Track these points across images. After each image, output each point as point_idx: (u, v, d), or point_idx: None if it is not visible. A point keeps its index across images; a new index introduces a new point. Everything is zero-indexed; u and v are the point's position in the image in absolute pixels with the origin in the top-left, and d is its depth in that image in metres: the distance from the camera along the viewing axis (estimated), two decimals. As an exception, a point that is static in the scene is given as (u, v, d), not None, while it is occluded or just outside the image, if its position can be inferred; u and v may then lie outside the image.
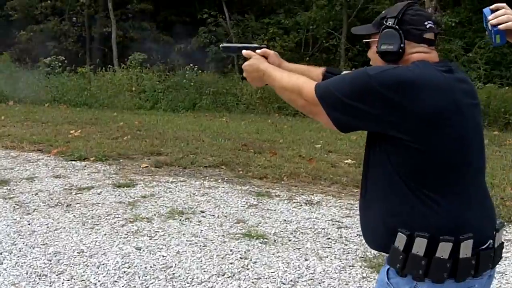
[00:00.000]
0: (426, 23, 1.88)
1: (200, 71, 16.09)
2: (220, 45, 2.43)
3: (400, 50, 1.85)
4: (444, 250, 1.70)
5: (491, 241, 1.82)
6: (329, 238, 4.72)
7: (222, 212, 5.40)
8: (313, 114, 1.89)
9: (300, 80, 1.94)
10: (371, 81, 1.72)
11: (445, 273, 1.71)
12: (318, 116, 1.86)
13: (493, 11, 1.89)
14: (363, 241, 2.04)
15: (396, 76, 1.73)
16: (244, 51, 2.25)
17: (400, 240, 1.75)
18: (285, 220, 5.19)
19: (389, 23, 1.87)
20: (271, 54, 2.27)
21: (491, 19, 1.86)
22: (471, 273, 1.75)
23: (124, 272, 3.95)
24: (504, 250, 3.85)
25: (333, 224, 5.10)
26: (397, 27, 1.85)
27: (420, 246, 1.71)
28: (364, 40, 2.01)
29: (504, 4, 1.88)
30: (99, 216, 5.20)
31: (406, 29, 1.86)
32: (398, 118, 1.71)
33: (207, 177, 6.73)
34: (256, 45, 2.28)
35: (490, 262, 1.82)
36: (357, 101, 1.73)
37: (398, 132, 1.73)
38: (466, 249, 1.73)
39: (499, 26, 1.84)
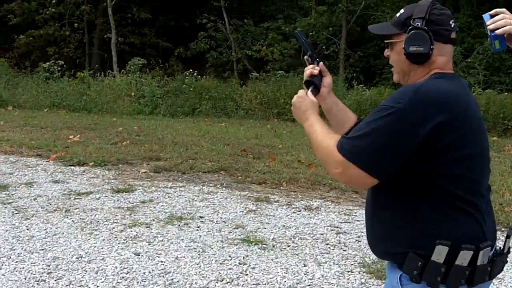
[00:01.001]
0: (450, 22, 1.87)
1: (199, 76, 16.11)
2: (297, 30, 2.38)
3: (430, 52, 1.83)
4: (464, 258, 1.73)
5: (497, 246, 1.86)
6: (327, 244, 4.72)
7: (221, 217, 5.40)
8: (344, 176, 1.79)
9: (325, 136, 1.87)
10: (408, 113, 1.70)
11: (462, 280, 1.74)
12: (348, 174, 1.77)
13: (492, 16, 1.90)
14: (362, 246, 2.04)
15: (429, 97, 1.72)
16: (321, 64, 2.17)
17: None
18: (284, 226, 5.19)
19: (417, 24, 1.83)
20: (329, 79, 2.19)
21: (489, 25, 1.87)
22: (486, 279, 1.80)
23: (123, 277, 3.94)
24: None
25: (332, 230, 5.09)
26: (425, 28, 1.82)
27: (440, 253, 1.72)
28: (386, 41, 1.96)
29: (503, 9, 1.89)
30: (98, 221, 5.20)
31: (435, 29, 1.83)
32: (435, 136, 1.71)
33: (206, 183, 6.73)
34: (316, 57, 2.22)
35: (501, 267, 1.87)
36: (396, 139, 1.71)
37: (433, 147, 1.73)
38: (484, 256, 1.76)
39: (496, 31, 1.85)
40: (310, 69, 2.17)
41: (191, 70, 15.89)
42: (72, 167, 7.38)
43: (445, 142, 1.72)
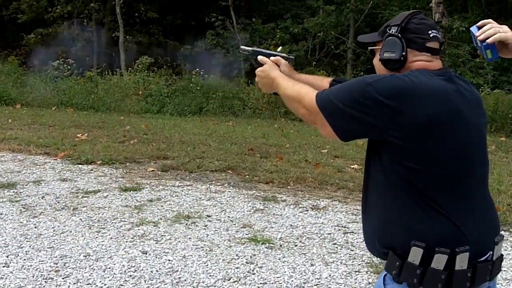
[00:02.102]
0: (429, 32, 1.88)
1: (206, 75, 16.12)
2: (240, 47, 2.48)
3: (402, 58, 1.86)
4: (439, 261, 1.71)
5: (491, 252, 1.82)
6: (335, 244, 4.72)
7: (228, 216, 5.41)
8: (314, 123, 1.90)
9: (303, 89, 1.97)
10: (369, 88, 1.74)
11: (439, 284, 1.72)
12: (319, 125, 1.87)
13: (479, 27, 1.91)
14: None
15: (392, 84, 1.75)
16: (259, 57, 2.29)
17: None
18: (291, 225, 5.18)
19: (392, 31, 1.89)
20: (283, 63, 2.30)
21: (479, 35, 1.88)
22: (467, 285, 1.75)
23: (130, 276, 3.95)
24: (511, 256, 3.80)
25: (339, 230, 5.09)
26: (399, 35, 1.87)
27: (415, 255, 1.72)
28: (369, 48, 2.03)
29: (490, 20, 1.92)
30: (106, 219, 5.21)
31: (409, 37, 1.87)
32: (394, 125, 1.72)
33: (214, 182, 6.74)
34: (279, 53, 2.34)
35: (487, 274, 1.81)
36: (355, 109, 1.76)
37: (395, 139, 1.74)
38: (462, 261, 1.73)
39: (487, 40, 1.86)
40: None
41: (198, 69, 15.90)
42: (80, 166, 7.40)
43: (405, 134, 1.72)
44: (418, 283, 1.73)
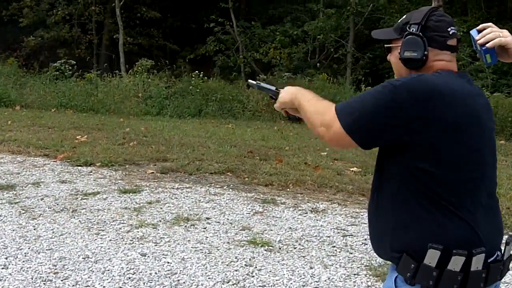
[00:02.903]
0: (449, 29, 1.86)
1: (205, 77, 16.13)
2: (249, 81, 2.44)
3: (424, 58, 1.83)
4: (456, 263, 1.71)
5: (498, 253, 1.84)
6: (334, 246, 4.71)
7: (228, 219, 5.40)
8: (334, 139, 1.83)
9: (323, 102, 1.91)
10: (398, 91, 1.72)
11: (455, 285, 1.72)
12: (338, 139, 1.81)
13: (479, 31, 1.90)
14: (369, 249, 2.05)
15: (417, 86, 1.73)
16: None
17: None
18: (290, 228, 5.18)
19: (413, 30, 1.85)
20: None
21: (479, 39, 1.87)
22: (481, 286, 1.76)
23: (129, 278, 3.95)
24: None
25: (339, 232, 5.08)
26: (420, 34, 1.83)
27: (432, 257, 1.72)
28: (385, 45, 1.99)
29: (490, 24, 1.91)
30: (105, 221, 5.20)
31: (430, 35, 1.84)
32: (418, 127, 1.71)
33: (213, 184, 6.74)
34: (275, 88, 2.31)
35: (499, 274, 1.83)
36: (381, 114, 1.72)
37: (416, 142, 1.73)
38: (477, 262, 1.73)
39: (487, 45, 1.86)
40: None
41: (197, 71, 15.91)
42: (79, 167, 7.40)
43: (429, 136, 1.71)
44: (433, 285, 1.72)
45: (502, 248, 1.88)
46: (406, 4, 19.07)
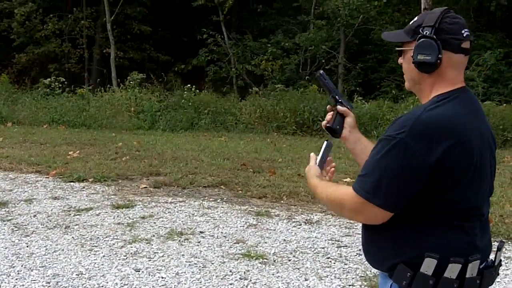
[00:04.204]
0: (463, 31, 1.83)
1: (198, 90, 16.14)
2: (319, 72, 2.34)
3: (438, 61, 1.80)
4: (453, 271, 1.73)
5: (490, 259, 1.87)
6: (328, 258, 4.70)
7: (222, 232, 5.39)
8: (362, 216, 1.82)
9: (340, 190, 1.90)
10: (409, 145, 1.70)
11: None
12: (367, 214, 1.78)
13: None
14: (363, 260, 2.05)
15: (424, 128, 1.71)
16: (339, 107, 2.21)
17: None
18: (284, 240, 5.17)
19: (426, 32, 1.80)
20: (351, 115, 2.22)
21: None
22: None
23: (123, 294, 3.92)
24: (505, 267, 3.82)
25: (333, 243, 5.08)
26: (434, 36, 1.79)
27: (429, 266, 1.73)
28: (397, 48, 1.95)
29: None
30: (98, 237, 5.18)
31: (444, 38, 1.80)
32: (431, 165, 1.71)
33: (206, 197, 6.72)
34: (344, 101, 2.24)
35: (491, 280, 1.86)
36: (409, 174, 1.71)
37: (434, 178, 1.73)
38: (473, 269, 1.76)
39: None
40: (329, 116, 2.22)
41: (189, 85, 15.93)
42: (72, 183, 7.37)
43: (448, 167, 1.71)
44: None
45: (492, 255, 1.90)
46: (396, 15, 19.23)
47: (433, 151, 1.68)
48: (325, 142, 2.19)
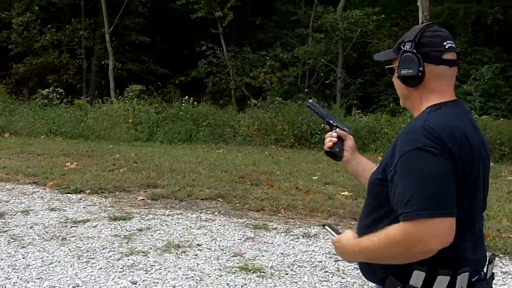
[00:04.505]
0: (445, 43, 1.85)
1: (196, 102, 16.15)
2: (308, 101, 2.40)
3: (420, 74, 1.82)
4: (441, 283, 1.73)
5: (482, 272, 1.87)
6: (326, 271, 4.69)
7: (219, 245, 5.37)
8: (435, 239, 1.67)
9: (381, 236, 1.77)
10: (427, 144, 1.70)
11: None
12: (439, 232, 1.67)
13: None
14: (361, 274, 2.04)
15: (434, 128, 1.73)
16: (339, 131, 2.24)
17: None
18: (282, 253, 5.15)
19: (407, 47, 1.85)
20: (350, 137, 2.25)
21: None
22: None
23: (120, 307, 3.90)
24: (501, 282, 3.81)
25: (331, 257, 5.06)
26: (414, 50, 1.83)
27: (417, 278, 1.73)
28: (387, 66, 2.00)
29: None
30: (95, 249, 5.16)
31: (424, 51, 1.83)
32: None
33: (204, 210, 6.71)
34: (339, 124, 2.28)
35: None
36: (442, 174, 1.69)
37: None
38: (462, 282, 1.76)
39: None
40: (328, 139, 2.23)
41: (187, 97, 15.94)
42: (69, 195, 7.35)
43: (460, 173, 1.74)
44: None
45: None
46: (394, 30, 19.31)
47: (447, 151, 1.71)
48: (326, 227, 2.17)
